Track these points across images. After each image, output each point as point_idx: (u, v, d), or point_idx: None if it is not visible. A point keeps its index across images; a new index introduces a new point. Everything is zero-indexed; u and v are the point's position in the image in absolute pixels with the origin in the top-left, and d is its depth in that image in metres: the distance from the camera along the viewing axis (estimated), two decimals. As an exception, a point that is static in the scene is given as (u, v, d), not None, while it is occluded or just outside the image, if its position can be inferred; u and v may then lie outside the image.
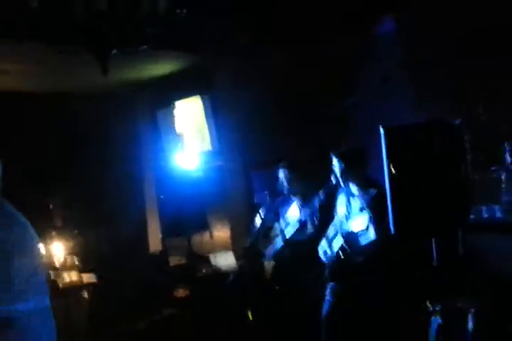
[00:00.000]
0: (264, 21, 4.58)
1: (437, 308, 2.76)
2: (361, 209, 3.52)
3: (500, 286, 3.01)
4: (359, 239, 3.50)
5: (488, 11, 3.42)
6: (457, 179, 2.71)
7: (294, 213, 4.32)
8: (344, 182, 3.61)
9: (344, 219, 3.69)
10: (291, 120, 5.06)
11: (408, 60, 3.99)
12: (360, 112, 4.48)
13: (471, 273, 3.10)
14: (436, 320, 2.80)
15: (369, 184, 3.48)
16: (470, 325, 2.83)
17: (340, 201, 3.76)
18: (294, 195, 4.36)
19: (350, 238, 3.54)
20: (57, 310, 2.06)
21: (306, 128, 4.96)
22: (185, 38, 4.78)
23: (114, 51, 4.61)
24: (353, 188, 3.63)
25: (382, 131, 2.84)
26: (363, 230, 3.43)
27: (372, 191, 3.39)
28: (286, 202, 4.43)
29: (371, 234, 3.39)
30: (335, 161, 3.60)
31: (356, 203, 3.60)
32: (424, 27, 3.77)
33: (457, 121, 2.87)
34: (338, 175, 3.61)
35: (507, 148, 3.14)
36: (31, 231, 2.02)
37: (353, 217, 3.56)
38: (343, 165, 3.56)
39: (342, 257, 3.54)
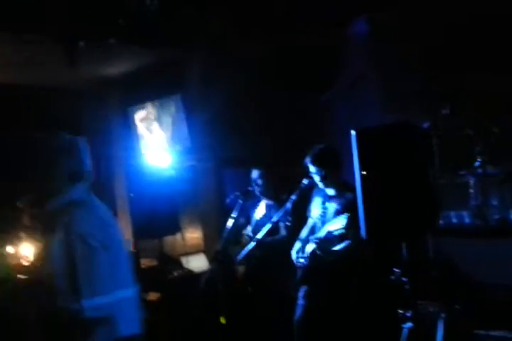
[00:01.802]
0: (238, 13, 4.50)
1: (408, 314, 2.74)
2: (337, 212, 3.49)
3: (470, 291, 3.01)
4: (333, 243, 3.47)
5: (457, 12, 3.40)
6: (424, 182, 2.69)
7: (262, 213, 4.28)
8: (324, 185, 3.58)
9: (318, 221, 3.66)
10: (265, 117, 5.02)
11: (378, 61, 3.97)
12: (333, 111, 4.46)
13: (441, 277, 3.09)
14: (408, 325, 2.78)
15: (345, 187, 3.44)
16: (440, 329, 2.83)
17: (315, 203, 3.73)
18: (266, 195, 4.32)
19: (323, 242, 3.50)
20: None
21: (281, 126, 4.92)
22: (156, 31, 4.67)
23: (82, 43, 4.48)
24: (330, 191, 3.61)
25: (353, 133, 2.80)
26: (339, 233, 3.38)
27: (349, 195, 3.36)
28: (259, 204, 4.38)
29: (347, 238, 3.36)
30: (312, 167, 3.56)
31: (332, 206, 3.56)
32: (394, 29, 3.76)
33: (425, 124, 2.85)
34: (317, 179, 3.57)
35: (476, 152, 3.13)
36: (114, 225, 2.08)
37: (328, 220, 3.52)
38: (321, 172, 3.53)
39: (314, 261, 3.50)
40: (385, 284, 2.99)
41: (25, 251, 3.80)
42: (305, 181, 3.74)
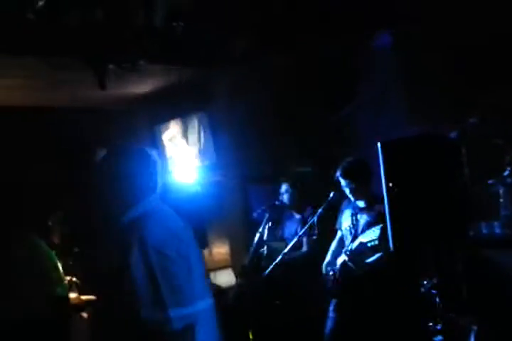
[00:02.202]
0: (262, 28, 4.56)
1: (438, 327, 2.69)
2: (368, 224, 3.48)
3: (501, 303, 2.94)
4: (364, 255, 3.45)
5: (484, 27, 3.40)
6: (455, 193, 2.67)
7: (289, 227, 4.28)
8: (354, 198, 3.60)
9: (348, 234, 3.65)
10: (291, 132, 5.04)
11: (403, 74, 3.98)
12: (357, 124, 4.46)
13: (471, 290, 3.03)
14: (438, 339, 2.73)
15: (375, 199, 3.44)
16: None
17: (346, 215, 3.74)
18: (294, 209, 4.33)
19: (354, 254, 3.49)
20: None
21: (306, 140, 4.93)
22: (183, 51, 4.77)
23: (111, 66, 4.59)
24: (360, 203, 3.62)
25: (379, 145, 2.80)
26: (371, 245, 3.37)
27: (379, 206, 3.35)
28: (286, 218, 4.39)
29: (380, 250, 3.34)
30: (342, 180, 3.58)
31: (363, 218, 3.57)
32: (419, 42, 3.77)
33: (454, 134, 2.84)
34: (347, 192, 3.59)
35: (505, 161, 3.09)
36: (188, 235, 2.08)
37: (358, 232, 3.52)
38: (353, 185, 3.55)
39: (345, 273, 3.49)
40: (414, 297, 2.96)
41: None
42: (331, 194, 3.75)
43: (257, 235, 4.16)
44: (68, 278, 3.53)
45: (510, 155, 3.04)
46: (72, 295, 3.35)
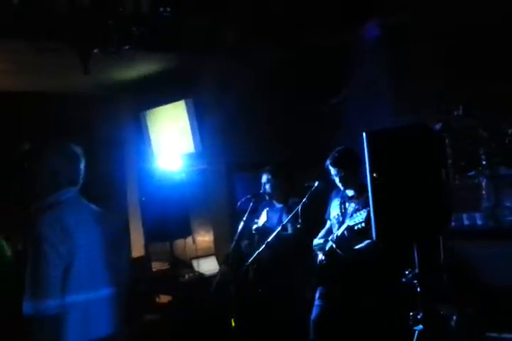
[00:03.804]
0: (250, 17, 4.53)
1: (419, 316, 2.71)
2: (355, 212, 3.50)
3: (482, 293, 2.97)
4: (352, 241, 3.46)
5: (469, 13, 3.40)
6: (438, 184, 2.67)
7: (273, 217, 4.28)
8: (344, 187, 3.62)
9: (335, 222, 3.67)
10: (277, 121, 5.02)
11: (391, 64, 3.97)
12: (344, 113, 4.46)
13: (452, 280, 3.06)
14: (419, 328, 2.76)
15: (364, 188, 3.44)
16: (452, 332, 2.80)
17: (334, 204, 3.75)
18: (276, 199, 4.32)
19: (341, 240, 3.50)
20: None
21: (293, 130, 4.92)
22: (169, 38, 4.71)
23: (96, 50, 4.52)
24: (349, 192, 3.66)
25: (364, 135, 2.80)
26: (358, 228, 3.38)
27: (367, 195, 3.35)
28: (269, 207, 4.38)
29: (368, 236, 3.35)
30: (332, 168, 3.61)
31: (351, 206, 3.59)
32: (407, 31, 3.76)
33: (438, 126, 2.84)
34: (337, 180, 3.62)
35: (489, 153, 3.10)
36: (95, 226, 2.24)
37: (348, 218, 3.53)
38: (342, 173, 3.57)
39: (332, 260, 3.51)
40: (397, 286, 2.97)
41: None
42: (316, 184, 3.75)
43: (241, 223, 4.15)
44: None
45: (493, 147, 3.05)
46: None
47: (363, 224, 3.33)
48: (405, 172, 2.71)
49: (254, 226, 4.18)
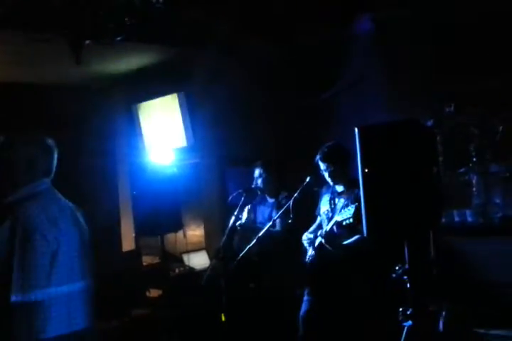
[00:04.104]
0: (243, 12, 4.50)
1: (408, 312, 2.72)
2: (345, 207, 3.49)
3: (471, 289, 2.99)
4: (341, 236, 3.46)
5: (464, 12, 3.39)
6: (429, 180, 2.67)
7: (264, 211, 4.27)
8: (333, 182, 3.61)
9: (325, 218, 3.66)
10: (269, 115, 5.01)
11: (383, 60, 3.97)
12: (336, 109, 4.46)
13: (442, 276, 3.07)
14: (408, 323, 2.76)
15: (354, 184, 3.45)
16: (441, 327, 2.81)
17: (324, 200, 3.74)
18: (268, 194, 4.31)
19: (330, 236, 3.50)
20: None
21: (285, 124, 4.91)
22: (162, 30, 4.67)
23: (88, 41, 4.49)
24: (339, 187, 3.65)
25: (356, 130, 2.79)
26: (347, 223, 3.38)
27: (358, 191, 3.35)
28: (261, 202, 4.37)
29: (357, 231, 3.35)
30: (321, 163, 3.59)
31: (340, 202, 3.58)
32: (398, 27, 3.75)
33: (429, 122, 2.83)
34: (326, 175, 3.61)
35: (480, 150, 3.11)
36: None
37: (337, 213, 3.53)
38: (331, 168, 3.56)
39: (321, 256, 3.51)
40: (387, 282, 2.98)
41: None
42: (307, 179, 3.74)
43: (233, 218, 4.14)
44: None
45: (484, 144, 3.06)
46: None
47: (351, 220, 3.33)
48: (397, 168, 2.70)
49: (238, 222, 4.16)
